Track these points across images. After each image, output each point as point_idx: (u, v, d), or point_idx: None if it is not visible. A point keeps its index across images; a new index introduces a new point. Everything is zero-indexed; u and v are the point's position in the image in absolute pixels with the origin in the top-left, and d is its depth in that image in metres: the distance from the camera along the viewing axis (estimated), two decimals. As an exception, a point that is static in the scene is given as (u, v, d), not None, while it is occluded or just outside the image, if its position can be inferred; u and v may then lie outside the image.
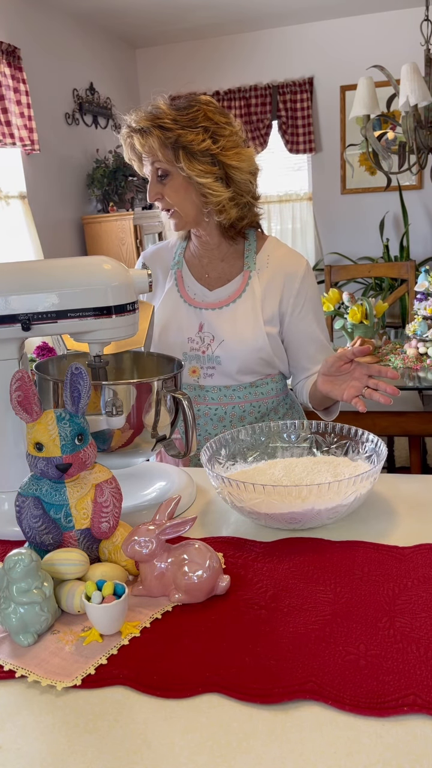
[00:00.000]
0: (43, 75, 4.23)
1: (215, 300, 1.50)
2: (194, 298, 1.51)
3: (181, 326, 1.50)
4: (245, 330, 1.46)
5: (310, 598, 0.88)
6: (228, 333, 1.46)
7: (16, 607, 0.82)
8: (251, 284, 1.48)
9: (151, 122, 1.36)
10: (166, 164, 1.38)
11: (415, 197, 5.33)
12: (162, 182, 1.41)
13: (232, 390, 1.49)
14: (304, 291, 1.48)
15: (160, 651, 0.80)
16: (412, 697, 0.70)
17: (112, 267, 1.10)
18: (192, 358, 1.50)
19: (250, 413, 1.51)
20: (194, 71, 5.45)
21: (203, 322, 1.49)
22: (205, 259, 1.53)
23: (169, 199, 1.42)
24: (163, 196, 1.42)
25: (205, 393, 1.50)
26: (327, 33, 5.18)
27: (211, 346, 1.48)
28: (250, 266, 1.49)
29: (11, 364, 1.10)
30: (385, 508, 1.14)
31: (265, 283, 1.48)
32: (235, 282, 1.50)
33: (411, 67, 2.74)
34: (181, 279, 1.53)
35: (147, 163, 1.42)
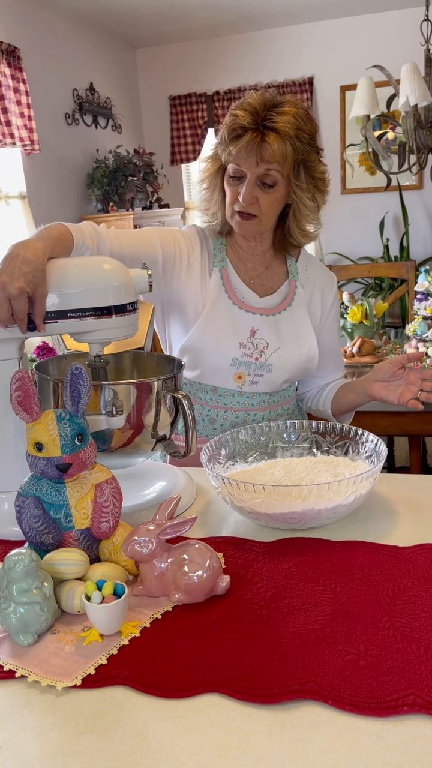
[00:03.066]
0: (43, 75, 4.23)
1: (268, 306, 1.46)
2: (243, 301, 1.45)
3: (234, 330, 1.42)
4: (302, 338, 1.45)
5: (310, 598, 0.88)
6: (285, 341, 1.44)
7: (16, 607, 0.82)
8: (298, 293, 1.48)
9: (293, 130, 1.28)
10: (280, 176, 1.31)
11: (415, 197, 5.33)
12: (263, 189, 1.32)
13: (269, 395, 1.48)
14: (336, 303, 1.53)
15: (160, 651, 0.80)
16: (412, 697, 0.70)
17: (112, 267, 1.10)
18: (242, 364, 1.43)
19: (281, 416, 1.51)
20: (194, 71, 5.45)
21: (256, 327, 1.43)
22: (249, 264, 1.48)
23: (264, 209, 1.34)
24: (257, 201, 1.33)
25: (245, 399, 1.46)
26: (327, 33, 5.18)
27: (265, 353, 1.43)
28: (294, 275, 1.48)
29: (11, 364, 1.10)
30: (385, 508, 1.14)
31: (309, 292, 1.49)
32: (283, 290, 1.48)
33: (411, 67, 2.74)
34: (228, 279, 1.46)
35: (254, 164, 1.30)
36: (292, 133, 1.27)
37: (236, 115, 1.29)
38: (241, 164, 1.31)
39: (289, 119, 1.27)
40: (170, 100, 5.54)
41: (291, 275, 1.48)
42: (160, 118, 5.63)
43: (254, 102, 1.29)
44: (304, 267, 1.50)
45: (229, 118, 1.32)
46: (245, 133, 1.28)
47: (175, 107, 5.51)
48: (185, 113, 5.49)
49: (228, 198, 1.37)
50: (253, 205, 1.34)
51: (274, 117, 1.27)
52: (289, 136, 1.27)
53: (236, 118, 1.29)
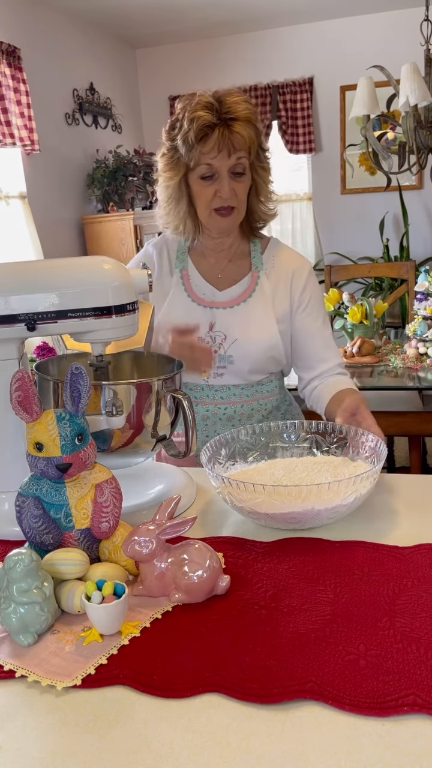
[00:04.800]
0: (43, 75, 4.23)
1: (226, 299, 1.49)
2: (203, 297, 1.49)
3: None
4: (259, 328, 1.46)
5: (310, 598, 0.88)
6: (241, 332, 1.45)
7: (16, 607, 0.82)
8: (261, 283, 1.48)
9: (250, 113, 1.34)
10: (247, 162, 1.37)
11: (415, 197, 5.33)
12: (236, 180, 1.38)
13: (240, 389, 1.49)
14: (310, 287, 1.50)
15: (160, 651, 0.80)
16: (412, 697, 0.70)
17: (112, 267, 1.10)
18: None
19: (258, 411, 1.51)
20: (194, 71, 5.44)
21: (214, 321, 1.47)
22: (213, 259, 1.52)
23: (241, 198, 1.40)
24: (234, 193, 1.38)
25: (213, 393, 1.49)
26: (327, 33, 5.17)
27: (223, 345, 1.46)
28: (257, 266, 1.49)
29: (11, 364, 1.10)
30: (385, 508, 1.14)
31: (274, 282, 1.48)
32: (244, 282, 1.49)
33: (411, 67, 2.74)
34: (188, 278, 1.51)
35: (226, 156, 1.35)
36: (252, 116, 1.35)
37: (199, 117, 1.33)
38: (213, 161, 1.35)
39: (244, 105, 1.35)
40: (170, 100, 5.54)
41: (254, 267, 1.49)
42: (160, 118, 5.62)
43: (208, 100, 1.35)
44: (271, 257, 1.51)
45: (189, 122, 1.35)
46: (213, 130, 1.33)
47: (175, 107, 5.51)
48: (185, 113, 5.49)
49: (202, 200, 1.40)
50: (232, 197, 1.38)
51: (231, 107, 1.33)
52: (250, 120, 1.34)
53: (200, 118, 1.33)
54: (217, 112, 1.33)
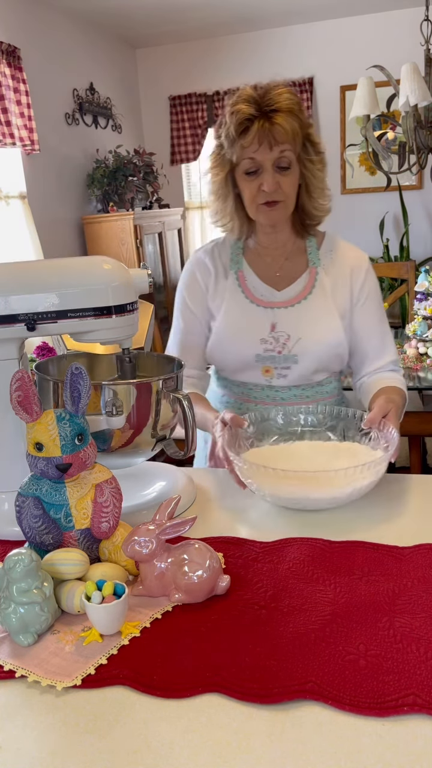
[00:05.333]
0: (43, 75, 4.23)
1: (285, 298, 1.45)
2: (261, 298, 1.46)
3: (252, 328, 1.44)
4: (323, 325, 1.43)
5: (310, 598, 0.88)
6: (305, 330, 1.42)
7: (16, 607, 0.82)
8: (320, 279, 1.45)
9: (295, 105, 1.31)
10: (293, 155, 1.34)
11: (415, 197, 5.33)
12: (282, 173, 1.34)
13: (301, 389, 1.46)
14: (369, 282, 1.47)
15: (160, 651, 0.80)
16: (412, 697, 0.70)
17: (112, 267, 1.10)
18: (266, 359, 1.44)
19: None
20: (194, 71, 5.44)
21: (275, 321, 1.43)
22: (269, 258, 1.48)
23: (287, 191, 1.36)
24: (280, 186, 1.35)
25: (274, 393, 1.46)
26: (327, 33, 5.18)
27: (287, 345, 1.43)
28: (315, 262, 1.46)
29: (11, 364, 1.10)
30: (385, 508, 1.14)
31: (333, 278, 1.45)
32: (302, 279, 1.46)
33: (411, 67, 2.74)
34: (244, 279, 1.47)
35: (268, 149, 1.31)
36: (295, 108, 1.31)
37: (239, 110, 1.31)
38: (255, 155, 1.32)
39: (286, 96, 1.31)
40: (170, 100, 5.54)
41: (311, 263, 1.46)
42: (160, 118, 5.63)
43: (250, 92, 1.33)
44: (328, 252, 1.47)
45: (230, 116, 1.33)
46: (253, 123, 1.30)
47: (175, 107, 5.51)
48: (185, 113, 5.49)
49: (247, 195, 1.38)
50: (278, 191, 1.35)
51: (273, 98, 1.30)
52: (292, 111, 1.30)
53: (239, 112, 1.31)
54: (258, 104, 1.30)
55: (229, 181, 1.40)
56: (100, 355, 1.32)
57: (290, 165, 1.34)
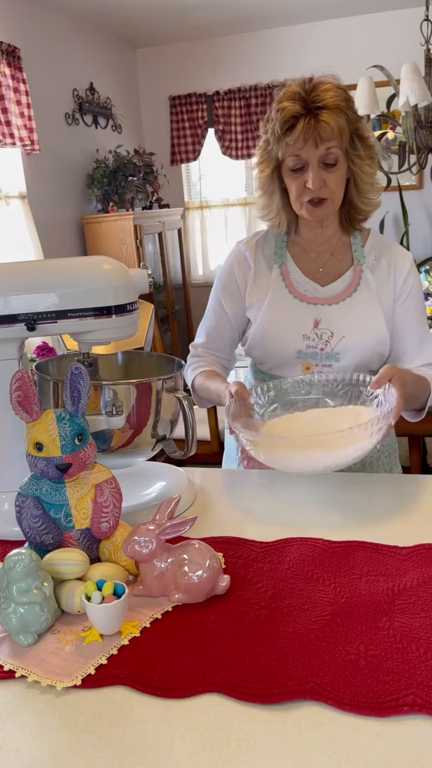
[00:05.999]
0: (43, 75, 4.23)
1: (330, 295, 1.44)
2: (305, 293, 1.44)
3: (295, 323, 1.42)
4: (367, 325, 1.41)
5: (310, 598, 0.88)
6: (350, 329, 1.40)
7: (16, 607, 0.82)
8: (365, 277, 1.43)
9: (343, 102, 1.30)
10: (339, 151, 1.32)
11: (415, 197, 5.33)
12: (328, 170, 1.33)
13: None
14: (411, 279, 1.45)
15: (160, 651, 0.80)
16: (412, 697, 0.70)
17: (112, 267, 1.10)
18: (307, 356, 1.42)
19: None
20: (194, 71, 5.44)
21: (319, 318, 1.42)
22: (313, 254, 1.47)
23: (333, 189, 1.35)
24: (325, 183, 1.33)
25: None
26: (327, 33, 5.17)
27: (330, 343, 1.41)
28: (360, 260, 1.45)
29: (11, 364, 1.10)
30: (385, 508, 1.14)
31: (378, 277, 1.44)
32: (347, 276, 1.44)
33: (411, 67, 2.74)
34: (288, 274, 1.46)
35: (313, 147, 1.30)
36: (342, 104, 1.29)
37: (284, 107, 1.31)
38: (300, 152, 1.32)
39: (333, 93, 1.29)
40: (170, 100, 5.54)
41: (356, 260, 1.45)
42: (160, 118, 5.62)
43: (296, 89, 1.31)
44: (372, 250, 1.46)
45: (276, 113, 1.32)
46: (298, 121, 1.29)
47: (175, 107, 5.51)
48: (185, 113, 5.49)
49: (293, 192, 1.37)
50: (323, 188, 1.34)
51: (319, 95, 1.29)
52: (339, 108, 1.29)
53: (285, 109, 1.30)
54: (304, 101, 1.29)
55: (276, 177, 1.40)
56: (99, 355, 1.32)
57: (337, 161, 1.32)
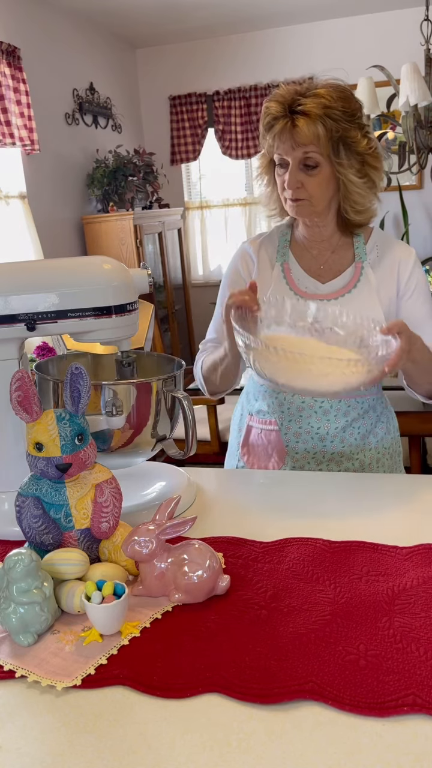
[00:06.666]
0: (43, 75, 4.23)
1: (329, 291, 1.44)
2: (305, 290, 1.45)
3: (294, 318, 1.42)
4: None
5: (310, 598, 0.88)
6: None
7: (16, 607, 0.82)
8: (365, 273, 1.44)
9: (322, 109, 1.29)
10: (320, 156, 1.32)
11: (415, 197, 5.33)
12: (307, 172, 1.34)
13: None
14: (416, 274, 1.45)
15: (160, 651, 0.80)
16: (412, 697, 0.70)
17: (112, 267, 1.10)
18: None
19: (354, 409, 1.44)
20: (194, 71, 5.44)
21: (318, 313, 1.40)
22: (315, 251, 1.48)
23: (310, 191, 1.36)
24: (303, 185, 1.35)
25: None
26: (327, 33, 5.18)
27: None
28: (361, 257, 1.45)
29: (11, 364, 1.10)
30: (385, 508, 1.14)
31: (379, 273, 1.44)
32: (348, 273, 1.45)
33: (411, 67, 2.74)
34: (289, 271, 1.48)
35: (291, 149, 1.32)
36: (321, 112, 1.29)
37: (267, 107, 1.34)
38: (281, 152, 1.34)
39: (318, 100, 1.30)
40: (170, 100, 5.54)
41: (358, 257, 1.45)
42: (160, 118, 5.62)
43: (283, 92, 1.33)
44: (374, 247, 1.46)
45: (263, 110, 1.36)
46: (276, 122, 1.32)
47: (175, 107, 5.51)
48: (185, 113, 5.49)
49: (279, 187, 1.40)
50: (300, 189, 1.35)
51: (303, 101, 1.30)
52: (318, 116, 1.29)
53: (267, 109, 1.34)
54: (286, 104, 1.31)
55: (271, 169, 1.42)
56: (100, 355, 1.32)
57: (317, 165, 1.33)
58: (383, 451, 1.48)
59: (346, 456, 1.44)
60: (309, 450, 1.45)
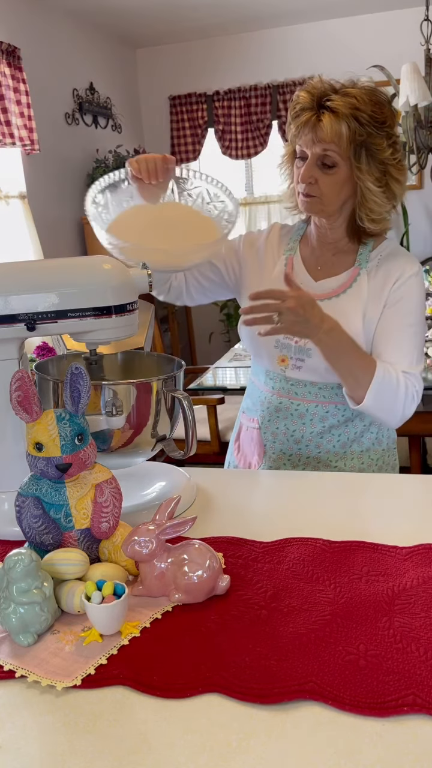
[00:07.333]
0: (43, 75, 4.23)
1: (318, 291, 1.41)
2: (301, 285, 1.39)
3: None
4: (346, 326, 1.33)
5: (310, 598, 0.88)
6: None
7: (16, 607, 0.82)
8: (359, 281, 1.40)
9: (351, 110, 1.27)
10: (340, 157, 1.30)
11: (415, 197, 5.32)
12: (323, 170, 1.32)
13: (317, 388, 1.40)
14: (407, 288, 1.38)
15: (160, 651, 0.80)
16: (412, 697, 0.70)
17: (112, 267, 1.10)
18: (283, 347, 1.41)
19: (333, 415, 1.41)
20: (194, 71, 5.44)
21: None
22: (318, 251, 1.46)
23: (324, 189, 1.33)
24: (317, 182, 1.33)
25: (290, 386, 1.42)
26: (327, 33, 5.17)
27: None
28: (361, 263, 1.41)
29: (11, 364, 1.10)
30: (385, 508, 1.14)
31: (374, 283, 1.39)
32: (343, 276, 1.42)
33: (411, 67, 2.75)
34: (292, 266, 1.46)
35: (311, 143, 1.30)
36: (348, 112, 1.27)
37: (298, 96, 1.33)
38: (302, 143, 1.33)
39: (348, 100, 1.27)
40: (170, 100, 5.53)
41: (357, 263, 1.42)
42: (160, 118, 5.62)
43: (316, 85, 1.32)
44: (377, 255, 1.41)
45: (293, 98, 1.35)
46: (303, 113, 1.31)
47: (175, 107, 5.51)
48: (185, 113, 5.49)
49: (294, 179, 1.38)
50: (313, 185, 1.33)
51: (333, 98, 1.28)
52: (344, 115, 1.27)
53: (297, 98, 1.33)
54: (316, 96, 1.30)
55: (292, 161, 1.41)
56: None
57: (335, 165, 1.31)
58: (369, 461, 1.45)
59: (324, 462, 1.43)
60: (285, 451, 1.45)
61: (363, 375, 1.30)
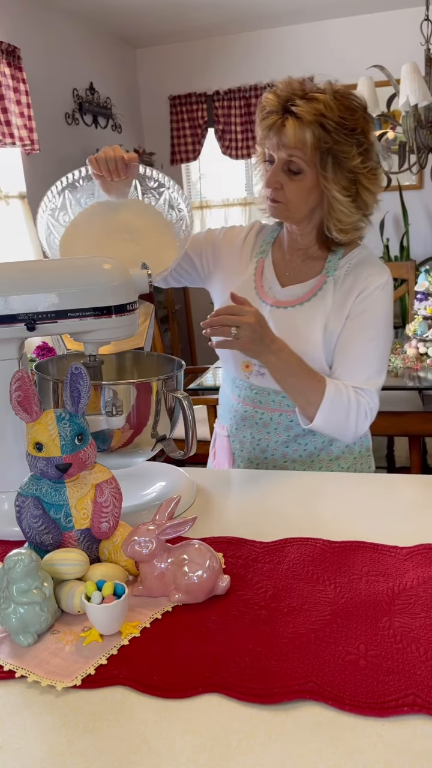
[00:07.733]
0: (43, 75, 4.23)
1: (282, 297, 1.39)
2: (267, 292, 1.41)
3: None
4: (304, 337, 1.34)
5: (310, 598, 0.88)
6: (286, 336, 1.31)
7: (16, 607, 0.82)
8: (324, 290, 1.36)
9: (315, 116, 1.22)
10: (305, 164, 1.26)
11: (415, 197, 5.32)
12: (289, 176, 1.28)
13: (281, 396, 1.38)
14: (372, 301, 1.34)
15: (160, 651, 0.80)
16: (412, 697, 0.70)
17: (112, 267, 1.10)
18: None
19: (298, 424, 1.38)
20: (194, 71, 5.44)
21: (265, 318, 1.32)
22: (288, 255, 1.43)
23: (289, 195, 1.30)
24: (282, 188, 1.29)
25: (254, 394, 1.41)
26: (327, 33, 5.17)
27: None
28: (328, 271, 1.37)
29: (11, 364, 1.10)
30: (385, 508, 1.14)
31: (340, 292, 1.35)
32: (309, 284, 1.38)
33: (411, 67, 2.74)
34: (261, 270, 1.44)
35: (277, 147, 1.27)
36: (312, 119, 1.22)
37: (265, 98, 1.30)
38: (269, 147, 1.30)
39: (315, 106, 1.23)
40: (170, 100, 5.53)
41: (325, 271, 1.38)
42: (160, 118, 5.62)
43: (284, 87, 1.28)
44: (346, 263, 1.38)
45: (261, 99, 1.32)
46: (269, 115, 1.28)
47: (175, 107, 5.51)
48: (185, 113, 5.49)
49: (262, 183, 1.35)
50: (278, 191, 1.30)
51: (298, 103, 1.24)
52: (308, 122, 1.23)
53: (264, 100, 1.30)
54: (284, 101, 1.25)
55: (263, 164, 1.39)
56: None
57: (300, 171, 1.27)
58: (339, 470, 1.44)
59: (290, 470, 1.42)
60: (252, 459, 1.46)
61: (313, 395, 1.29)
